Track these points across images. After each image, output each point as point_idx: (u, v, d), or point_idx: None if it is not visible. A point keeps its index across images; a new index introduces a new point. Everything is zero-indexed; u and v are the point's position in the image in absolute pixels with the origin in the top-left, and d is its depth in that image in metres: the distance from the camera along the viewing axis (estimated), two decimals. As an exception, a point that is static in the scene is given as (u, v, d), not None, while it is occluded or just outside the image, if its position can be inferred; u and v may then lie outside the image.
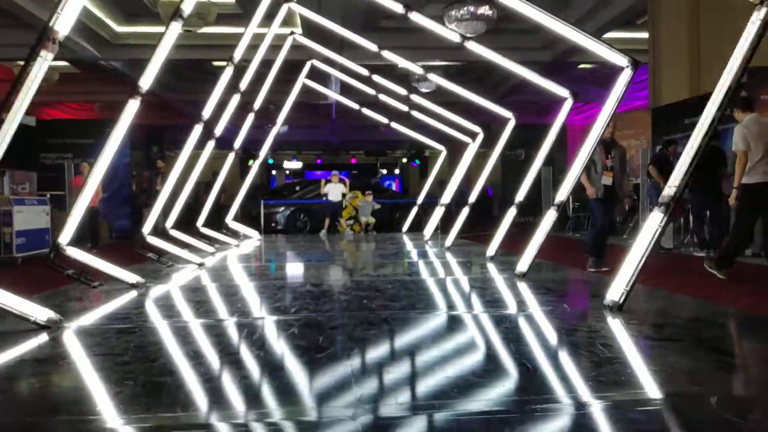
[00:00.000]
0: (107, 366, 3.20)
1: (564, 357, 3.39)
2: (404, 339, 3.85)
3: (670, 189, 4.35)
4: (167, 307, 5.12)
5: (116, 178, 11.65)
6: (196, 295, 5.69)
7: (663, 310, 4.74)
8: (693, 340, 3.65)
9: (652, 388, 2.74)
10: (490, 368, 3.17)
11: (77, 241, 5.74)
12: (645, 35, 12.62)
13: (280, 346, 3.67)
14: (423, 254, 9.23)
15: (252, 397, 2.71)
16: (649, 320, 4.31)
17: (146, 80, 5.57)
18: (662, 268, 7.28)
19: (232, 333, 4.03)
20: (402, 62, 9.40)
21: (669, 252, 8.79)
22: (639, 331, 3.89)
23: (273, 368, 3.16)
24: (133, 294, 5.47)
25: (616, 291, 4.32)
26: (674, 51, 11.02)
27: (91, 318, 4.57)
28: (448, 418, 2.40)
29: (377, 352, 3.57)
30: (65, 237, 5.32)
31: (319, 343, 3.64)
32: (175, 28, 5.81)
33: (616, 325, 4.00)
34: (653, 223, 4.36)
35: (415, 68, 9.37)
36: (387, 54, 9.10)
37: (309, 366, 3.14)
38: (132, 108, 5.46)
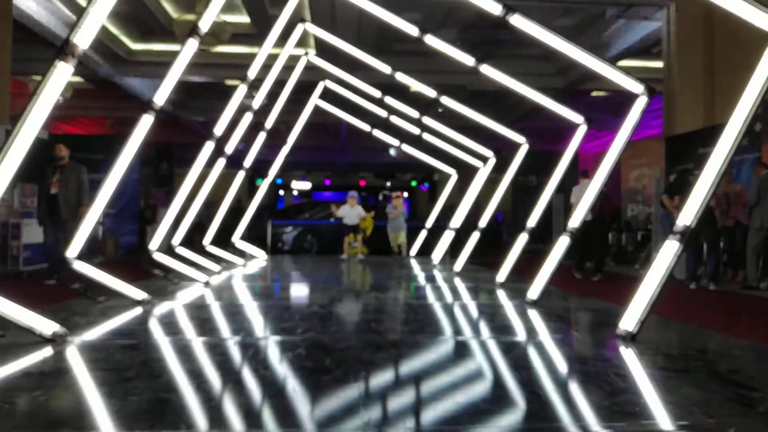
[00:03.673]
0: (111, 381, 3.15)
1: (576, 386, 3.31)
2: (413, 363, 3.78)
3: (684, 219, 4.30)
4: (172, 325, 5.07)
5: (124, 194, 11.65)
6: (201, 313, 5.63)
7: (677, 341, 4.65)
8: (708, 372, 3.57)
9: (664, 419, 2.67)
10: (501, 395, 3.09)
11: None
12: (659, 64, 12.64)
13: (285, 366, 3.61)
14: (431, 279, 9.15)
15: (256, 417, 2.65)
16: (663, 351, 4.22)
17: (161, 96, 5.58)
18: (674, 298, 7.19)
19: (237, 352, 3.97)
20: (415, 84, 9.42)
21: (681, 283, 8.67)
22: (653, 362, 3.81)
23: (278, 389, 3.09)
24: (138, 310, 5.42)
25: (629, 321, 4.24)
26: (689, 80, 11.01)
27: (96, 333, 4.52)
28: (460, 446, 2.33)
29: (385, 375, 3.50)
30: (72, 251, 5.29)
31: (326, 364, 3.58)
32: (192, 46, 5.83)
33: (629, 355, 3.92)
34: (667, 252, 4.30)
35: (429, 90, 9.38)
36: (400, 76, 9.13)
37: (315, 388, 3.07)
38: (145, 123, 5.46)
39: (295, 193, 30.41)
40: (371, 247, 13.97)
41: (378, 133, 13.14)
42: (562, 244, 6.00)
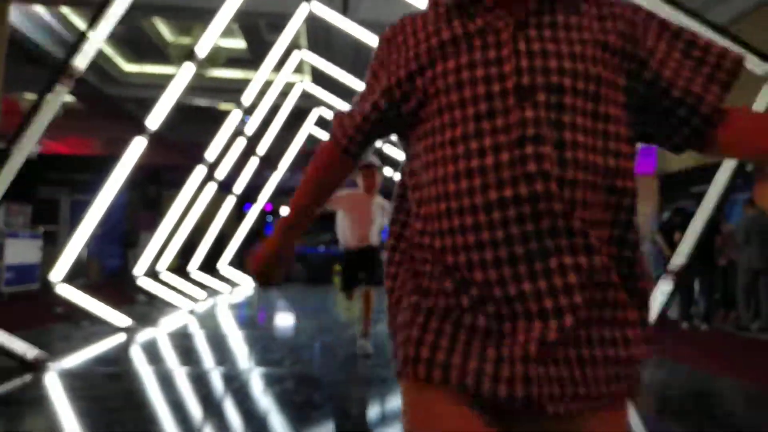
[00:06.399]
0: (94, 411, 3.04)
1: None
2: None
3: (679, 258, 4.28)
4: (155, 353, 4.95)
5: (109, 217, 11.47)
6: (185, 341, 5.51)
7: (669, 383, 4.59)
8: (700, 414, 3.51)
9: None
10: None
11: None
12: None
13: (272, 400, 3.50)
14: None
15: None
16: (655, 392, 4.16)
17: (154, 119, 5.53)
18: (666, 338, 7.16)
19: (223, 383, 3.86)
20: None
21: (672, 323, 8.63)
22: (645, 404, 3.74)
23: (265, 424, 2.99)
24: (121, 337, 5.29)
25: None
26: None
27: (78, 359, 4.40)
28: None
29: (375, 411, 3.41)
30: (57, 274, 5.18)
31: (313, 399, 3.49)
32: (188, 70, 5.81)
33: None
34: (660, 292, 4.28)
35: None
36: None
37: (304, 423, 2.98)
38: (137, 146, 5.40)
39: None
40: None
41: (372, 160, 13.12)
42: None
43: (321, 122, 12.20)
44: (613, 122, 0.89)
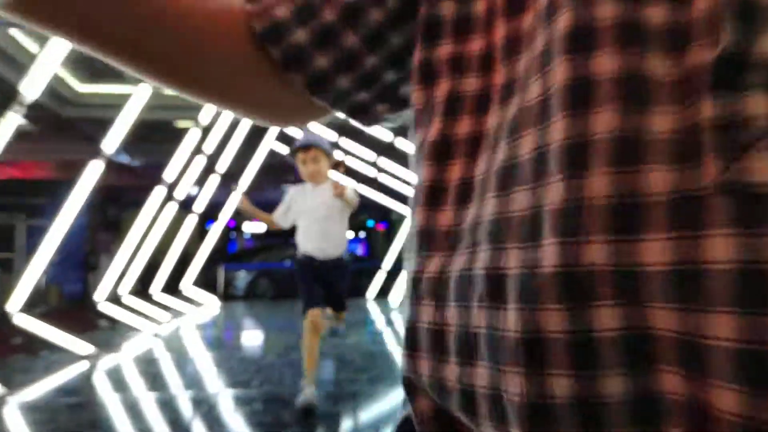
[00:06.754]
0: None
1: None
2: (372, 415, 3.68)
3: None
4: (120, 380, 4.85)
5: (69, 241, 11.25)
6: (150, 366, 5.41)
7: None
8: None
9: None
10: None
11: None
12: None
13: (241, 421, 3.47)
14: (390, 322, 9.07)
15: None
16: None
17: (111, 142, 5.46)
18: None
19: (191, 408, 3.80)
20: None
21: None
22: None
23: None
24: (84, 365, 5.18)
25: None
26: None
27: (39, 391, 4.28)
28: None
29: (345, 427, 3.40)
30: (14, 304, 5.05)
31: (283, 418, 3.46)
32: (145, 90, 5.75)
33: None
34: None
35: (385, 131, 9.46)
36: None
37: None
38: (94, 170, 5.32)
39: (248, 235, 29.95)
40: None
41: (333, 174, 13.11)
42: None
43: (281, 137, 12.15)
44: None
